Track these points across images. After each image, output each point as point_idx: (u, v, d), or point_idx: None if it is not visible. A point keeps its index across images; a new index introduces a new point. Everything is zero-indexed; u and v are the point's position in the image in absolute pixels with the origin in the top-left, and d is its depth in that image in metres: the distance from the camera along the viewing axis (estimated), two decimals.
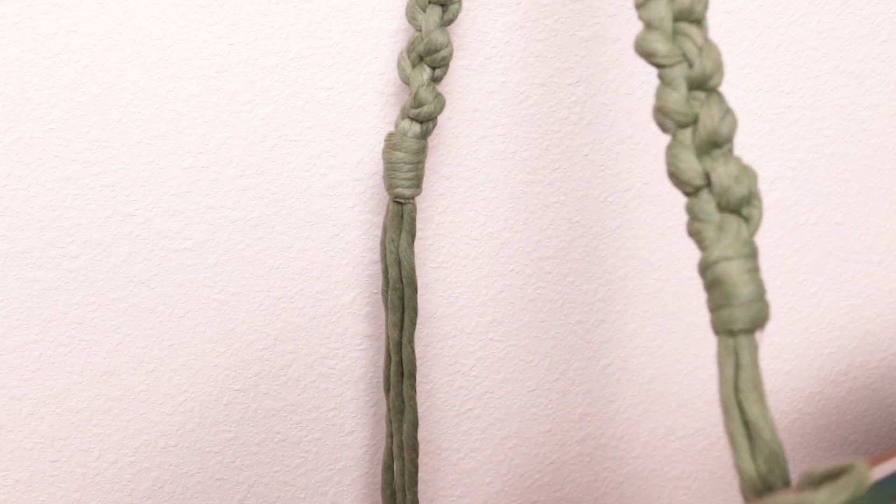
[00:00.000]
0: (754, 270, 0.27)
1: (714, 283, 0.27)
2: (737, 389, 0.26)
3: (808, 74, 0.47)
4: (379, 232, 0.43)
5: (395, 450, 0.43)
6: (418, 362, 0.46)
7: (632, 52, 0.43)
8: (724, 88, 0.45)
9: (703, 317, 0.50)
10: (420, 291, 0.45)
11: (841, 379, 0.54)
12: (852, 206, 0.50)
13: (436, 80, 0.38)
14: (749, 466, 0.26)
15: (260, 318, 0.43)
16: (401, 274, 0.39)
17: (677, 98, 0.28)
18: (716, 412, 0.53)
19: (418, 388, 0.46)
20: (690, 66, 0.28)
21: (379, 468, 0.47)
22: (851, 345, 0.54)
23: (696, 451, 0.54)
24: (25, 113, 0.37)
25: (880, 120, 0.49)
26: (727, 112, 0.28)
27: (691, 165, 0.28)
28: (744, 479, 0.27)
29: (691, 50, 0.28)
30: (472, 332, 0.46)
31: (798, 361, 0.53)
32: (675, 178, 0.28)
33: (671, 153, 0.28)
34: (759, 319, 0.27)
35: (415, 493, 0.43)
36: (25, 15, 0.35)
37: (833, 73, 0.47)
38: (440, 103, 0.38)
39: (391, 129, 0.41)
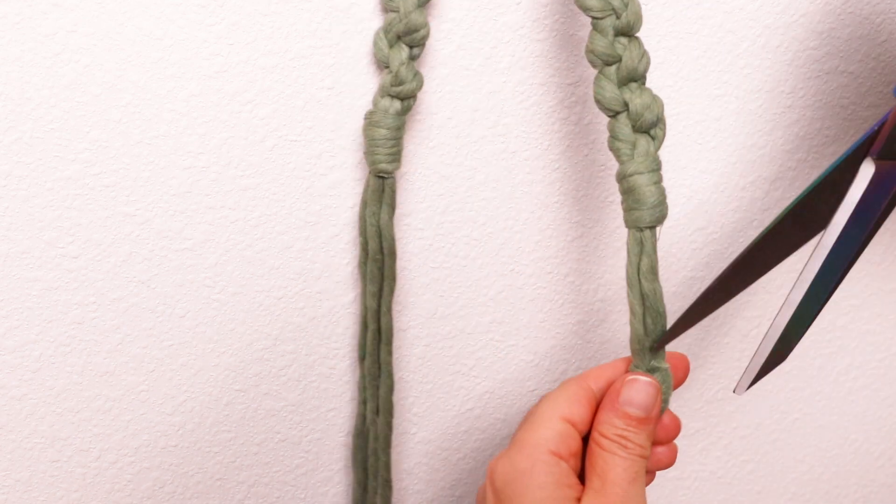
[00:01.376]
0: (659, 181, 0.36)
1: (628, 191, 0.36)
2: (639, 270, 0.37)
3: (808, 74, 0.47)
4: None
5: (369, 415, 0.44)
6: (418, 362, 0.46)
7: None
8: (724, 88, 0.45)
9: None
10: (420, 291, 0.45)
11: (841, 379, 0.54)
12: None
13: (413, 58, 0.39)
14: (640, 325, 0.37)
15: (260, 318, 0.43)
16: (381, 245, 0.41)
17: (606, 42, 0.36)
18: (716, 412, 0.53)
19: (418, 388, 0.46)
20: (618, 17, 0.35)
21: None
22: (851, 345, 0.54)
23: (696, 451, 0.54)
24: (25, 113, 0.37)
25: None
26: (644, 54, 0.36)
27: (614, 94, 0.36)
28: (635, 333, 0.37)
29: (619, 5, 0.35)
30: (472, 332, 0.46)
31: (797, 361, 0.53)
32: (601, 104, 0.36)
33: (599, 84, 0.36)
34: (660, 218, 0.37)
35: (388, 455, 0.44)
36: (25, 15, 0.35)
37: (833, 73, 0.47)
38: (419, 81, 0.39)
39: None
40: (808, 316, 0.39)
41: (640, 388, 0.37)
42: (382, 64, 0.39)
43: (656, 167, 0.36)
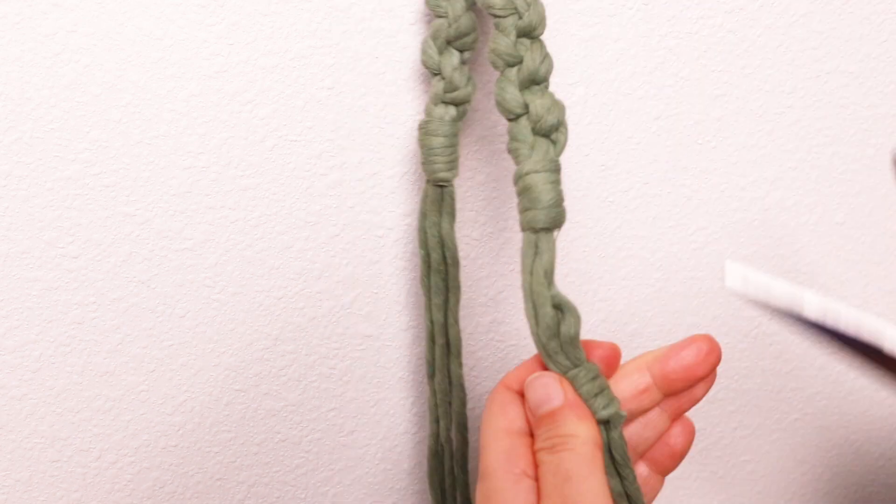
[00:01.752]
0: (556, 182, 0.34)
1: (524, 191, 0.34)
2: (532, 274, 0.33)
3: (808, 74, 0.47)
4: (379, 232, 0.43)
5: (443, 433, 0.42)
6: (418, 362, 0.46)
7: (632, 52, 0.43)
8: (724, 88, 0.45)
9: (704, 317, 0.50)
10: (420, 291, 0.45)
11: (841, 379, 0.54)
12: (852, 206, 0.50)
13: (464, 62, 0.38)
14: (536, 339, 0.34)
15: (260, 318, 0.43)
16: (444, 255, 0.40)
17: (508, 42, 0.34)
18: (717, 412, 0.53)
19: (418, 389, 0.46)
20: (520, 17, 0.34)
21: (379, 468, 0.47)
22: None
23: (696, 451, 0.54)
24: (25, 113, 0.37)
25: (880, 120, 0.49)
26: (546, 56, 0.35)
27: (514, 97, 0.35)
28: (533, 335, 0.34)
29: (521, 5, 0.34)
30: (473, 332, 0.46)
31: (798, 361, 0.53)
32: (501, 106, 0.35)
33: (500, 86, 0.35)
34: (557, 221, 0.34)
35: (465, 474, 0.43)
36: (25, 15, 0.35)
37: (833, 73, 0.47)
38: (473, 85, 0.38)
39: (391, 128, 0.41)
40: None
41: (535, 388, 0.34)
42: (433, 71, 0.38)
43: (555, 168, 0.34)
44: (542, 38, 0.35)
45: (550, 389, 0.34)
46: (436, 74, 0.38)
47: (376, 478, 0.47)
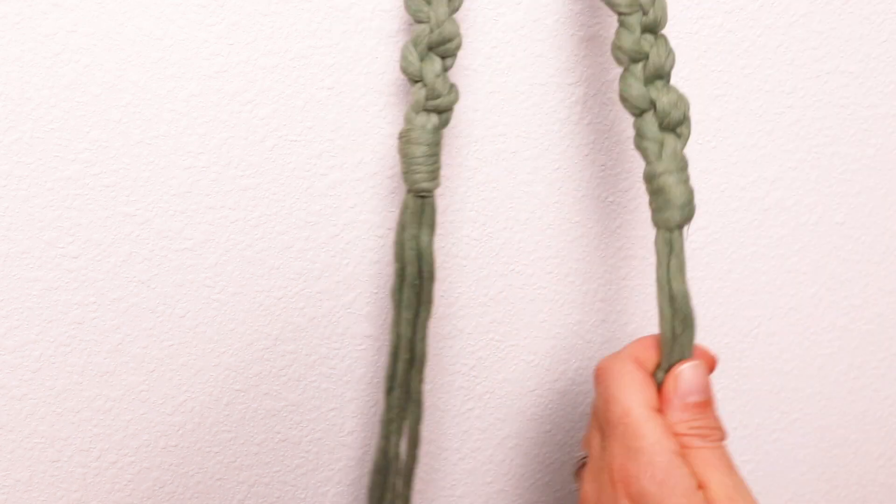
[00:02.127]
0: (686, 180, 0.36)
1: (657, 191, 0.36)
2: (668, 270, 0.35)
3: (808, 74, 0.47)
4: (379, 232, 0.43)
5: (392, 450, 0.42)
6: None
7: None
8: (724, 88, 0.45)
9: (703, 317, 0.50)
10: None
11: (841, 379, 0.54)
12: (852, 206, 0.50)
13: (446, 69, 0.37)
14: (668, 327, 0.36)
15: (260, 318, 0.43)
16: (420, 269, 0.39)
17: (633, 39, 0.36)
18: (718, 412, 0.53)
19: None
20: (645, 14, 0.35)
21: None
22: (851, 345, 0.54)
23: None
24: (25, 113, 0.37)
25: (880, 120, 0.49)
26: (670, 51, 0.36)
27: (641, 92, 0.36)
28: (664, 335, 0.36)
29: (646, 2, 0.35)
30: (472, 332, 0.46)
31: (798, 361, 0.53)
32: (627, 101, 0.36)
33: (625, 82, 0.36)
34: (689, 217, 0.36)
35: (409, 489, 0.43)
36: (25, 15, 0.35)
37: (833, 73, 0.47)
38: (456, 93, 0.37)
39: (391, 128, 0.41)
40: None
41: (689, 376, 0.36)
42: (413, 78, 0.37)
43: (684, 166, 0.36)
44: (663, 33, 0.36)
45: (703, 379, 0.36)
46: (416, 82, 0.37)
47: None
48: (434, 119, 0.37)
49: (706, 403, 0.36)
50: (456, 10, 0.37)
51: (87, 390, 0.41)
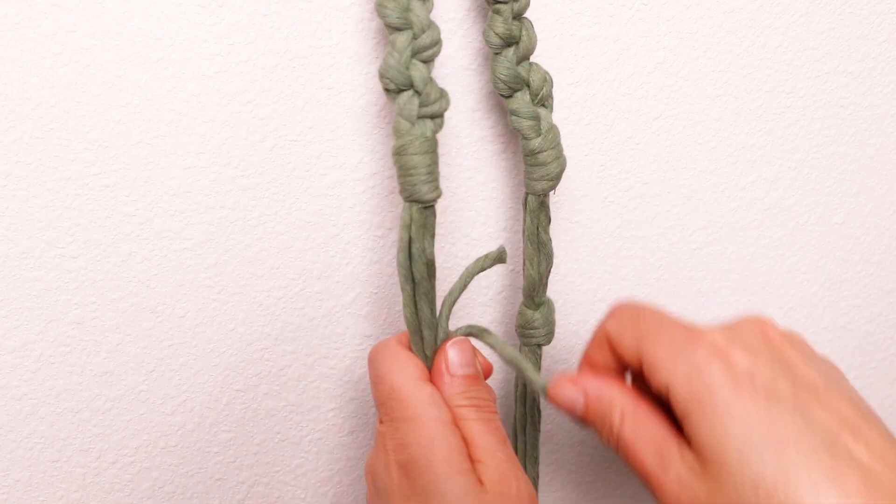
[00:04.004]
0: (561, 154, 0.40)
1: (539, 165, 0.40)
2: (538, 225, 0.41)
3: (808, 74, 0.47)
4: (379, 232, 0.43)
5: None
6: None
7: (632, 51, 0.43)
8: (724, 88, 0.45)
9: (704, 316, 0.50)
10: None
11: None
12: (852, 206, 0.50)
13: (430, 74, 0.37)
14: (536, 270, 0.42)
15: (260, 318, 0.43)
16: (430, 278, 0.38)
17: (506, 24, 0.38)
18: None
19: None
20: (516, 1, 0.38)
21: None
22: (851, 345, 0.54)
23: None
24: (25, 113, 0.37)
25: (880, 120, 0.49)
26: (534, 34, 0.39)
27: (514, 73, 0.39)
28: (529, 279, 0.42)
29: None
30: None
31: None
32: (503, 82, 0.39)
33: (501, 65, 0.39)
34: (558, 182, 0.40)
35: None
36: (25, 15, 0.35)
37: (833, 73, 0.47)
38: (446, 97, 0.37)
39: (391, 128, 0.41)
40: None
41: (461, 349, 0.39)
42: (400, 88, 0.36)
43: (559, 141, 0.40)
44: (527, 17, 0.39)
45: (471, 356, 0.39)
46: (401, 91, 0.36)
47: None
48: (430, 125, 0.36)
49: (475, 376, 0.38)
50: (430, 11, 0.36)
51: (86, 390, 0.41)
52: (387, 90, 0.36)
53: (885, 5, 0.47)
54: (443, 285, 0.45)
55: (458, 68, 0.41)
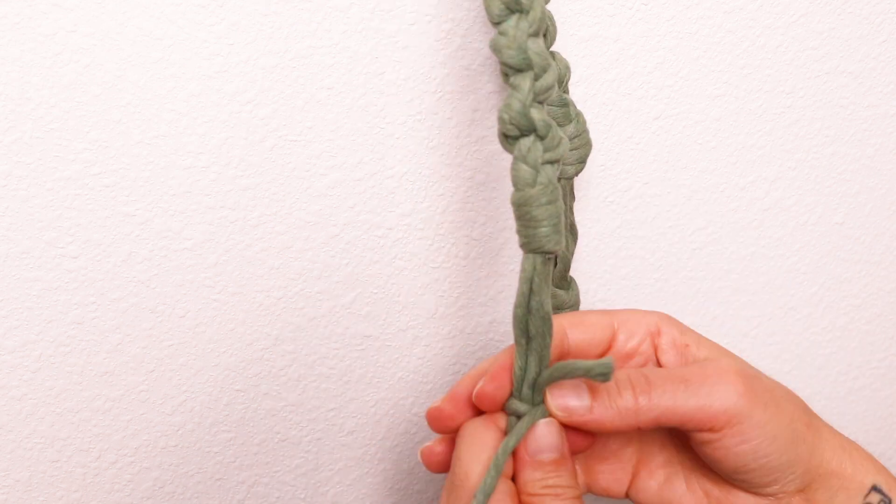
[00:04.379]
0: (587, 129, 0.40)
1: (573, 149, 0.39)
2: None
3: (808, 74, 0.47)
4: (379, 232, 0.43)
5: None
6: (418, 362, 0.46)
7: (631, 52, 0.43)
8: (724, 88, 0.45)
9: (704, 316, 0.50)
10: (420, 291, 0.45)
11: (841, 379, 0.54)
12: (852, 206, 0.50)
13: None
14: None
15: (260, 318, 0.43)
16: (544, 329, 0.35)
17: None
18: None
19: (418, 388, 0.46)
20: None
21: (379, 468, 0.47)
22: (851, 345, 0.54)
23: None
24: (25, 113, 0.37)
25: (880, 120, 0.49)
26: (554, 26, 0.37)
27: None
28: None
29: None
30: (473, 332, 0.46)
31: (798, 361, 0.53)
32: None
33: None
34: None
35: None
36: (25, 15, 0.35)
37: (833, 73, 0.47)
38: (567, 140, 0.34)
39: (391, 128, 0.41)
40: None
41: (543, 433, 0.35)
42: (524, 132, 0.33)
43: (586, 123, 0.39)
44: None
45: (557, 437, 0.35)
46: (522, 136, 0.33)
47: (376, 478, 0.47)
48: (553, 170, 0.33)
49: (560, 461, 0.35)
50: (550, 45, 0.35)
51: (86, 390, 0.41)
52: (504, 135, 0.33)
53: (885, 5, 0.47)
54: (443, 285, 0.45)
55: (459, 68, 0.41)
